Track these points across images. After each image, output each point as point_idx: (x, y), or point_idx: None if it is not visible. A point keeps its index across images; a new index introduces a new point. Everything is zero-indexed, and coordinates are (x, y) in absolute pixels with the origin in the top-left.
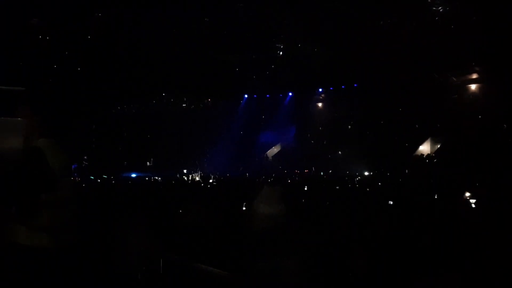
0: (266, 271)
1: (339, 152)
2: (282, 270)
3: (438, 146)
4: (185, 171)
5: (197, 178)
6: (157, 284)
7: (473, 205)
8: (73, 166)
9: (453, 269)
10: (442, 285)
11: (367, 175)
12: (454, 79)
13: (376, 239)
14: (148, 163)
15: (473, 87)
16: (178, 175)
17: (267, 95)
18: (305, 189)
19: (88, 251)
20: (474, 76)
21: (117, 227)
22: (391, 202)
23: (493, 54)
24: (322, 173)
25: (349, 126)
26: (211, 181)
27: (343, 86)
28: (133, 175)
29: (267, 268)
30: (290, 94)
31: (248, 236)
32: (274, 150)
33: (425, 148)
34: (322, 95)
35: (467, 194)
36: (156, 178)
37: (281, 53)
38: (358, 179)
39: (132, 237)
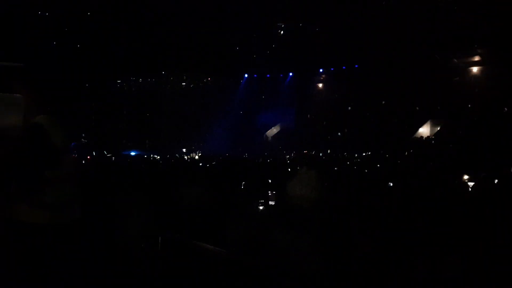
0: (264, 249)
1: (339, 133)
2: (282, 248)
3: (438, 128)
4: (184, 150)
5: (196, 157)
6: (155, 261)
7: (472, 188)
8: (72, 144)
9: (451, 251)
10: (440, 267)
11: (366, 157)
12: (456, 61)
13: (374, 221)
14: (147, 142)
15: (474, 69)
16: (177, 154)
17: (267, 75)
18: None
19: (87, 228)
20: (476, 58)
21: (116, 205)
22: (391, 184)
23: (495, 36)
24: (321, 154)
25: (349, 108)
26: (210, 160)
27: (343, 67)
28: (133, 153)
29: (266, 247)
30: (291, 74)
31: (248, 215)
32: (274, 130)
33: (425, 131)
34: (323, 76)
35: (466, 177)
36: (156, 156)
37: (282, 32)
38: (357, 160)
39: (131, 215)
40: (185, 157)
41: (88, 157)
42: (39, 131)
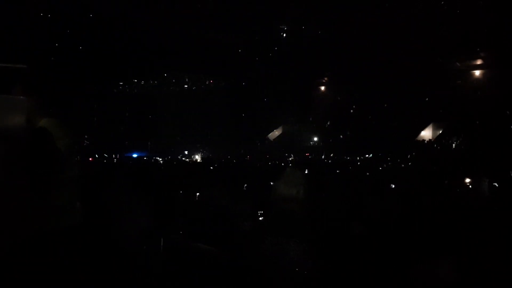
0: (266, 251)
1: (341, 136)
2: (281, 250)
3: (440, 131)
4: (186, 152)
5: (198, 160)
6: (157, 262)
7: (474, 191)
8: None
9: (452, 253)
10: (441, 269)
11: (368, 159)
12: (458, 64)
13: (375, 223)
14: (149, 144)
15: (477, 72)
16: (179, 156)
17: (270, 76)
18: (306, 172)
19: (89, 231)
20: (479, 61)
21: (118, 207)
22: (393, 186)
23: (498, 40)
24: (323, 157)
25: (351, 110)
26: (212, 163)
27: (346, 69)
28: (134, 155)
29: (267, 249)
30: (293, 76)
31: (249, 218)
32: (276, 133)
33: (427, 134)
34: (325, 78)
35: (468, 180)
36: (158, 158)
37: (284, 35)
38: (359, 163)
39: (133, 217)
40: (187, 159)
41: (90, 158)
42: (45, 135)
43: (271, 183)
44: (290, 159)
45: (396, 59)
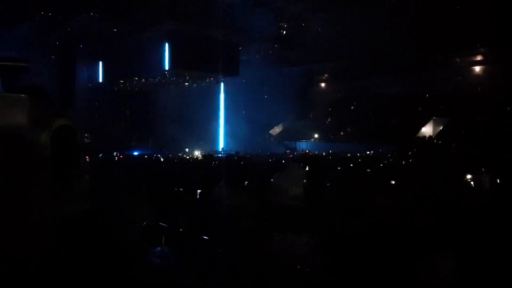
0: (269, 246)
1: (341, 133)
2: (281, 247)
3: (441, 128)
4: (186, 149)
5: (200, 157)
6: (159, 256)
7: (475, 187)
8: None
9: (453, 249)
10: (441, 265)
11: (369, 156)
12: (458, 60)
13: (376, 219)
14: (150, 141)
15: (477, 68)
16: (180, 153)
17: (270, 72)
18: (306, 169)
19: (91, 228)
20: (479, 57)
21: (122, 203)
22: (393, 182)
23: (498, 35)
24: (323, 153)
25: (352, 107)
26: (212, 159)
27: (346, 65)
28: (136, 153)
29: (271, 243)
30: (294, 71)
31: (249, 214)
32: (276, 129)
33: (427, 130)
34: (326, 74)
35: (469, 176)
36: (158, 155)
37: (284, 32)
38: (360, 160)
39: (136, 212)
40: (188, 156)
41: (88, 157)
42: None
43: (272, 180)
44: (290, 156)
45: (397, 55)
